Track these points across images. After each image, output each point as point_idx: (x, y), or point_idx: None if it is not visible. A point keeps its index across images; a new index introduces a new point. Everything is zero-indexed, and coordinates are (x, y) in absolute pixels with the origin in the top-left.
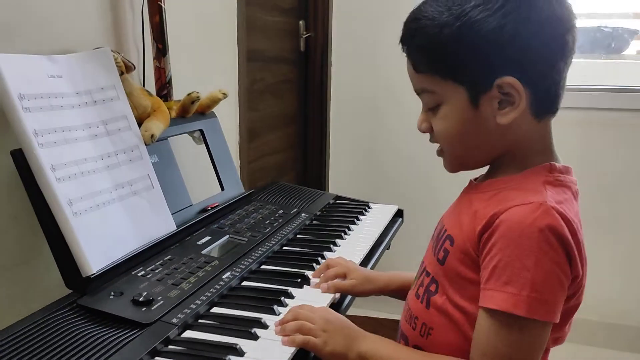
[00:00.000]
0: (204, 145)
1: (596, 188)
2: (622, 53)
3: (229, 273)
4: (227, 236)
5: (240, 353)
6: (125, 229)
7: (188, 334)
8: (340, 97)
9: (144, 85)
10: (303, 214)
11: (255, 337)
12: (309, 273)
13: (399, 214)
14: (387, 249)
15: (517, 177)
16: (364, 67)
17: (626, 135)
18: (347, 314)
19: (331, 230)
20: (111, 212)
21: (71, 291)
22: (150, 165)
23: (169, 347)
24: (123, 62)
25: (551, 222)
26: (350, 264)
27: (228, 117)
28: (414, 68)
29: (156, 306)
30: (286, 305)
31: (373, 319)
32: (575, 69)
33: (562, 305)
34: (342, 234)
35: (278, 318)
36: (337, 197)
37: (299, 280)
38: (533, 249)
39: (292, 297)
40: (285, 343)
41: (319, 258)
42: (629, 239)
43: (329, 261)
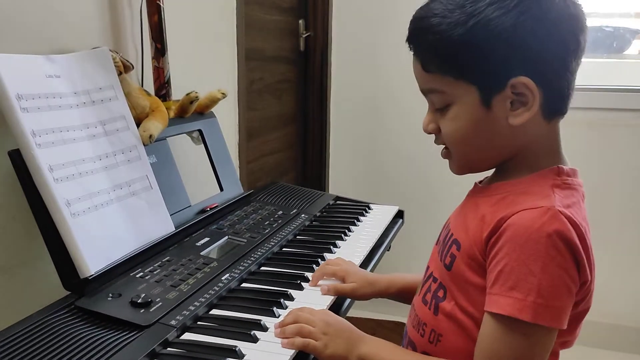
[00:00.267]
0: (202, 145)
1: (597, 188)
2: (624, 53)
3: (228, 274)
4: (226, 237)
5: (239, 355)
6: (123, 230)
7: (187, 336)
8: (340, 97)
9: (142, 85)
10: (303, 215)
11: (254, 340)
12: (308, 275)
13: (399, 214)
14: (388, 250)
15: (525, 180)
16: (364, 66)
17: (627, 135)
18: (346, 316)
19: (331, 231)
20: (109, 213)
21: (69, 293)
22: (149, 166)
23: (168, 349)
24: (121, 61)
25: (559, 227)
26: (349, 266)
27: (227, 117)
28: (423, 68)
29: (155, 308)
30: (286, 308)
31: (373, 321)
32: None
33: (570, 311)
34: (342, 235)
35: (278, 320)
36: (337, 198)
37: (299, 281)
38: (540, 254)
39: (292, 299)
40: (285, 346)
41: (319, 259)
42: (629, 239)
43: (328, 262)
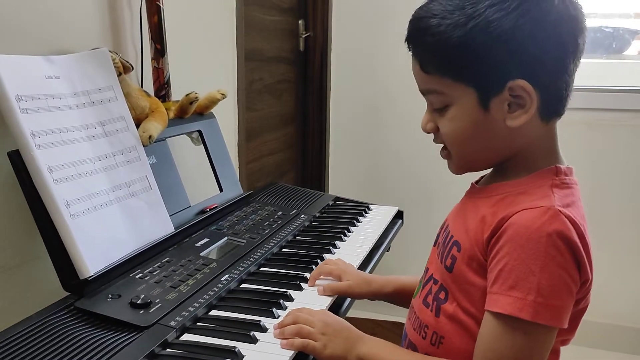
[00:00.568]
0: (202, 146)
1: (596, 188)
2: (623, 53)
3: (227, 275)
4: (226, 238)
5: (239, 356)
6: (123, 230)
7: (186, 337)
8: (340, 97)
9: (142, 86)
10: (302, 216)
11: (254, 341)
12: (308, 275)
13: (399, 215)
14: (387, 251)
15: (524, 180)
16: (363, 67)
17: (626, 135)
18: (346, 316)
19: (331, 231)
20: (109, 214)
21: (68, 293)
22: (148, 167)
23: (167, 350)
24: (121, 62)
25: (559, 227)
26: (346, 266)
27: (227, 118)
28: (421, 68)
29: (154, 309)
30: (285, 308)
31: (372, 321)
32: None
33: (571, 310)
34: (342, 235)
35: (277, 321)
36: (337, 199)
37: (298, 282)
38: (540, 253)
39: (291, 299)
40: (284, 346)
41: (319, 260)
42: (628, 239)
43: (326, 261)
